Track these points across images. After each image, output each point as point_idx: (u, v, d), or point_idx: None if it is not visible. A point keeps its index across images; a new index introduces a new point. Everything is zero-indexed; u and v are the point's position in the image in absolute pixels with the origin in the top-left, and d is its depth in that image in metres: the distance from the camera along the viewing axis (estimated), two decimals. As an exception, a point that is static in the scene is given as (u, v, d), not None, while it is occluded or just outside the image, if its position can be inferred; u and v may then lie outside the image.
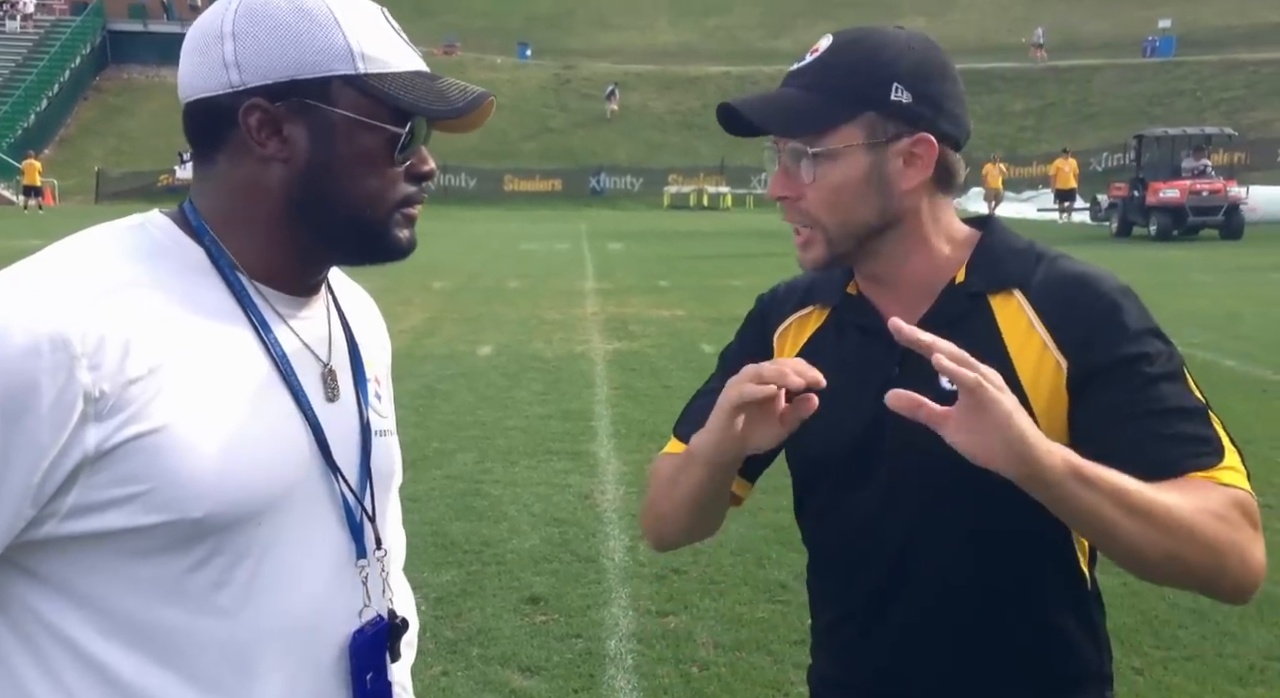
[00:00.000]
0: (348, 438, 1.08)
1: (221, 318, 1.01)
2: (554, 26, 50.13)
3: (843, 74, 1.18)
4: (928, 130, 1.19)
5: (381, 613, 1.10)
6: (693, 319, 10.75)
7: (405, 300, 11.93)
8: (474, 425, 6.51)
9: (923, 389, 1.16)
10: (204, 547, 0.97)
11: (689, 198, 34.80)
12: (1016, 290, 1.22)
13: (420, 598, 4.09)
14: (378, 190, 1.03)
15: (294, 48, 0.99)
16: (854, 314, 1.29)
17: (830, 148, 1.18)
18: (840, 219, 1.20)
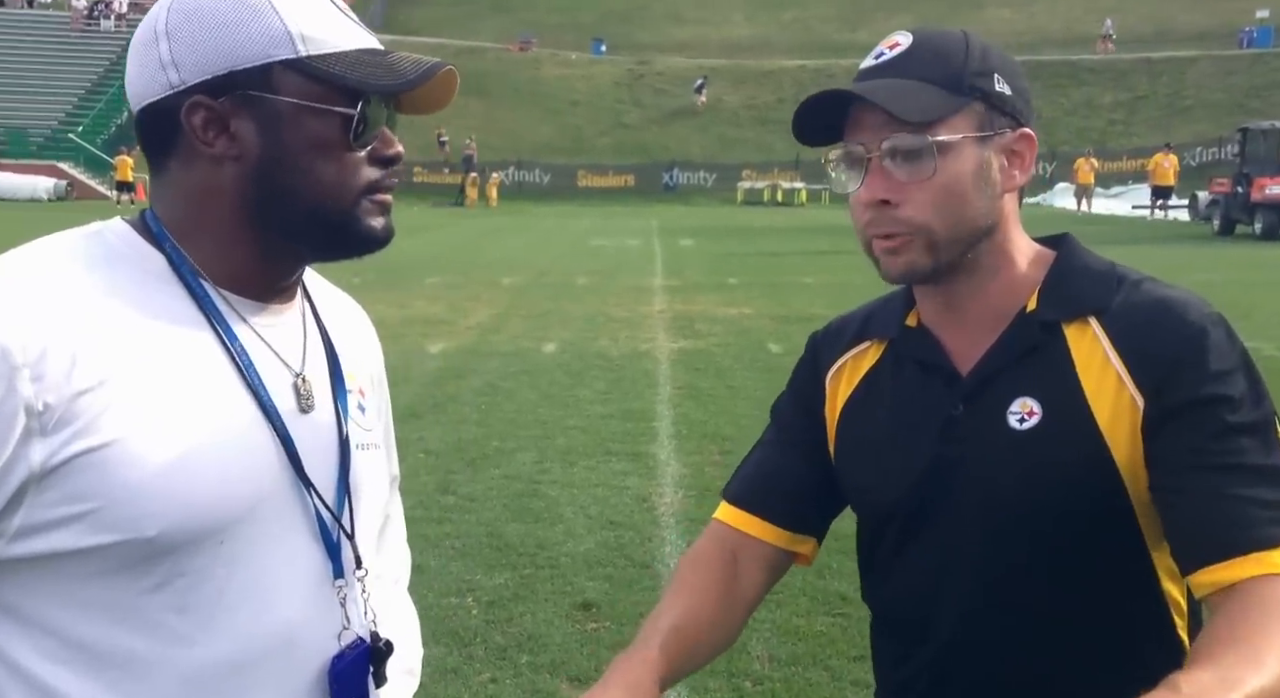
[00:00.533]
0: (323, 451, 1.02)
1: (181, 326, 0.95)
2: (628, 22, 50.15)
3: (943, 61, 1.08)
4: (1026, 125, 1.11)
5: (363, 636, 1.03)
6: (760, 317, 10.60)
7: (473, 296, 12.00)
8: (534, 424, 6.47)
9: (988, 429, 1.08)
10: (161, 568, 0.91)
11: (763, 193, 34.54)
12: (1093, 318, 1.10)
13: (472, 601, 4.09)
14: (337, 178, 0.97)
15: (228, 38, 0.94)
16: (913, 348, 1.18)
17: (948, 138, 1.06)
18: (952, 222, 1.08)
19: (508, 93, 40.97)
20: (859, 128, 1.09)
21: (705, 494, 5.18)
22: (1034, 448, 1.07)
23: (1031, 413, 1.08)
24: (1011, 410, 1.09)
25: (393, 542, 1.23)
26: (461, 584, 4.10)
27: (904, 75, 1.08)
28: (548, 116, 38.93)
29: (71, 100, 37.39)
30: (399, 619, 1.19)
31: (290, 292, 1.05)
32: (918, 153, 1.06)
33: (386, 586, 1.19)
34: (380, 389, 1.17)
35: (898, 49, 1.10)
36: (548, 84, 41.78)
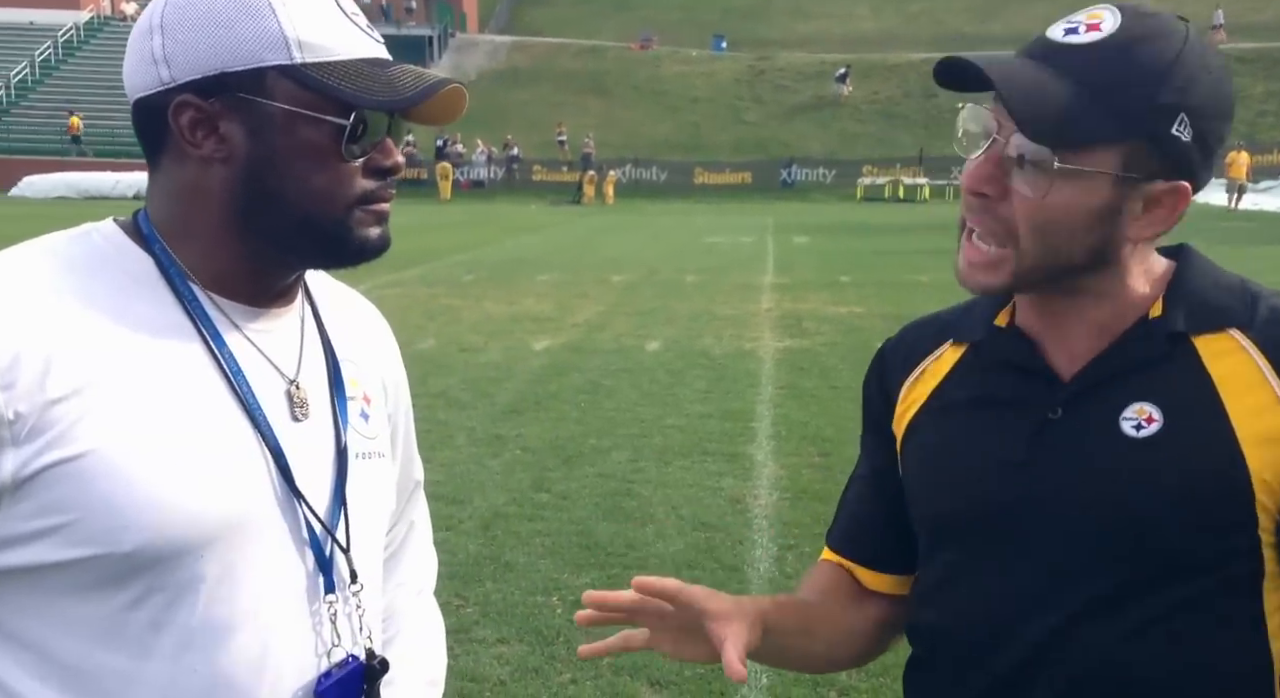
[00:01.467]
0: (318, 461, 0.99)
1: (165, 331, 0.93)
2: (750, 17, 49.78)
3: (1127, 80, 0.94)
4: (1190, 178, 0.98)
5: (355, 653, 1.00)
6: (870, 316, 10.36)
7: (581, 294, 12.07)
8: (632, 422, 6.45)
9: (1096, 435, 0.99)
10: (139, 583, 0.89)
11: (884, 190, 33.82)
12: (1235, 331, 1.00)
13: (558, 601, 4.09)
14: (327, 188, 0.94)
15: (222, 38, 0.91)
16: (1003, 348, 1.08)
17: (1079, 167, 0.95)
18: (1046, 248, 0.97)
19: (627, 91, 41.20)
20: None
21: (800, 497, 5.08)
22: (1154, 456, 0.98)
23: (1151, 420, 0.99)
24: (1126, 416, 1.00)
25: (416, 549, 1.20)
26: (549, 583, 4.11)
27: (1079, 76, 0.94)
28: (666, 114, 38.98)
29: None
30: (422, 629, 1.17)
31: (288, 295, 1.03)
32: (1039, 167, 0.95)
33: (409, 595, 1.17)
34: (394, 394, 1.14)
35: (1094, 34, 0.95)
36: (667, 82, 41.83)
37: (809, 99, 40.56)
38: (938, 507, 1.10)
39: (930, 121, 38.76)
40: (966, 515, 1.07)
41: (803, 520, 4.76)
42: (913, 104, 39.05)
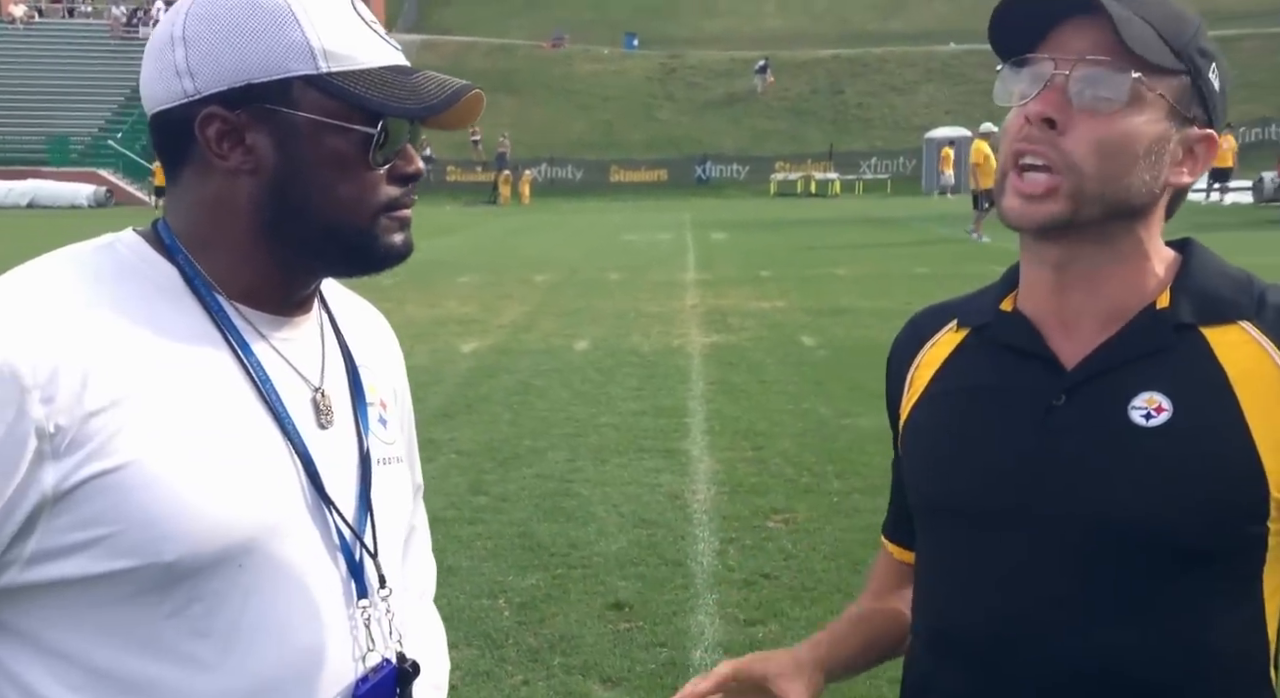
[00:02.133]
0: (343, 467, 1.00)
1: (195, 341, 0.93)
2: (660, 16, 50.00)
3: (1175, 20, 0.99)
4: (1216, 128, 1.02)
5: (389, 657, 1.01)
6: (793, 310, 10.53)
7: (506, 295, 12.02)
8: (567, 422, 6.46)
9: (1102, 423, 1.00)
10: (179, 593, 0.89)
11: (796, 185, 34.33)
12: (1246, 324, 1.01)
13: (504, 603, 4.08)
14: (355, 196, 0.95)
15: (248, 49, 0.91)
16: (1006, 332, 1.08)
17: (1148, 86, 0.97)
18: (1109, 176, 0.97)
19: (540, 90, 41.04)
20: (1060, 43, 0.99)
21: (738, 491, 5.15)
22: (1164, 445, 0.98)
23: (1160, 409, 0.99)
24: (1135, 405, 0.99)
25: (417, 554, 1.21)
26: (493, 585, 4.10)
27: (1136, 11, 0.98)
28: (580, 113, 38.96)
29: (111, 107, 37.95)
30: (424, 633, 1.17)
31: (307, 303, 1.03)
32: (1112, 86, 0.97)
33: (411, 599, 1.17)
34: (402, 399, 1.15)
35: None
36: (580, 80, 41.81)
37: (720, 96, 40.95)
38: (934, 490, 1.11)
39: (838, 118, 39.47)
40: (967, 503, 1.07)
41: (741, 514, 4.83)
42: (821, 101, 39.69)
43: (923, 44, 41.77)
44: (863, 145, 36.77)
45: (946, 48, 41.15)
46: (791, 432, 6.13)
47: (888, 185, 33.92)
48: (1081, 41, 0.99)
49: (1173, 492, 0.97)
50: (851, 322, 9.65)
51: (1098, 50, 0.98)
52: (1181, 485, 0.97)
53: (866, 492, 5.02)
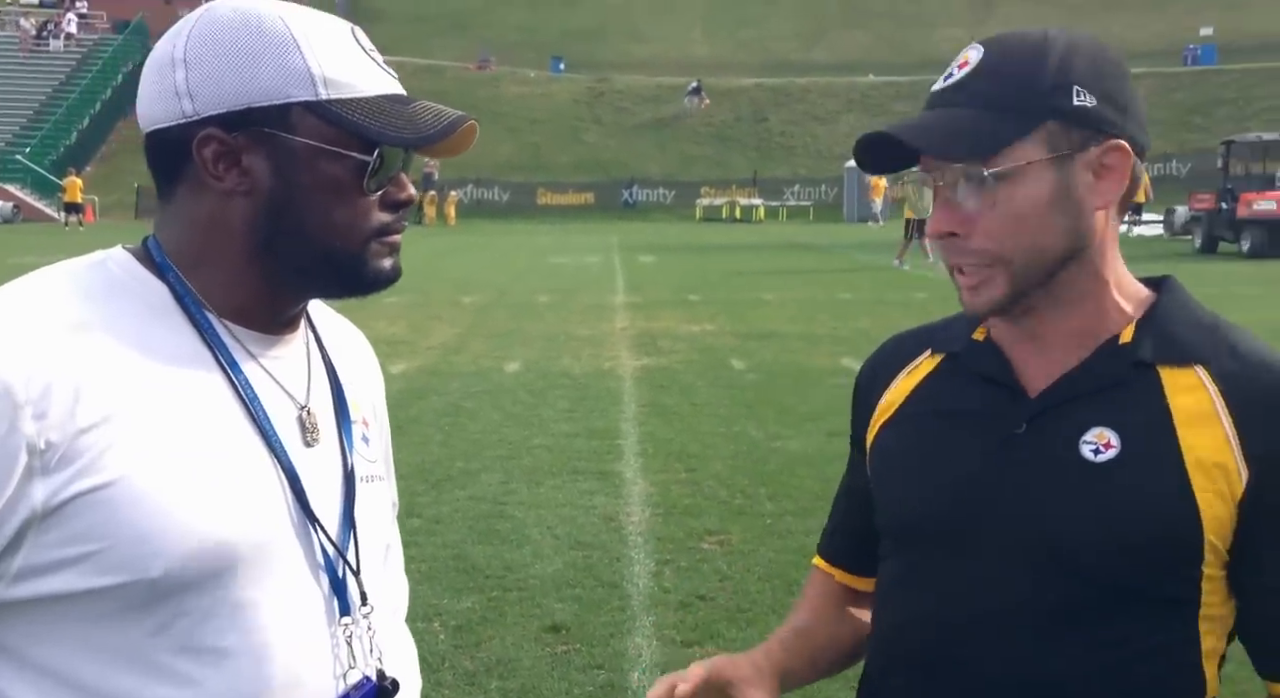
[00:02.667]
0: (328, 486, 1.01)
1: (185, 359, 0.94)
2: (587, 40, 50.33)
3: (1011, 82, 1.01)
4: (1118, 135, 1.02)
5: (369, 675, 1.01)
6: (723, 334, 10.64)
7: (435, 316, 11.92)
8: (499, 444, 6.43)
9: (1055, 455, 1.03)
10: (165, 609, 0.89)
11: (721, 210, 34.72)
12: (1199, 368, 1.02)
13: (440, 626, 4.04)
14: (349, 221, 0.96)
15: (248, 73, 0.92)
16: (976, 360, 1.11)
17: (1009, 167, 1.00)
18: (1026, 249, 1.01)
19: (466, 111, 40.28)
20: (926, 157, 1.05)
21: (672, 512, 5.18)
22: (1108, 481, 1.00)
23: (1109, 445, 1.01)
24: (1085, 440, 1.02)
25: (392, 572, 1.21)
26: (428, 609, 4.05)
27: (968, 101, 1.02)
28: (507, 135, 38.88)
29: (20, 122, 36.79)
30: (399, 651, 1.17)
31: (295, 322, 1.04)
32: (977, 184, 1.01)
33: (385, 617, 1.17)
34: (381, 417, 1.16)
35: (965, 69, 1.04)
36: (507, 102, 41.78)
37: (648, 121, 41.30)
38: (898, 511, 1.13)
39: (762, 145, 40.09)
40: (929, 524, 1.10)
41: (676, 535, 4.85)
42: (745, 127, 40.29)
43: (844, 75, 42.76)
44: (786, 172, 37.38)
45: (866, 79, 42.21)
46: (723, 454, 6.19)
47: (810, 212, 34.52)
48: None
49: (1111, 529, 1.00)
50: (780, 346, 9.79)
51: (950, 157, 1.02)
52: (1121, 524, 1.00)
53: (798, 514, 5.10)
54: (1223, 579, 1.01)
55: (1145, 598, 1.00)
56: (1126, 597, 1.00)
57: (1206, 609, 1.01)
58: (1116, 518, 0.99)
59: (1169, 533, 0.99)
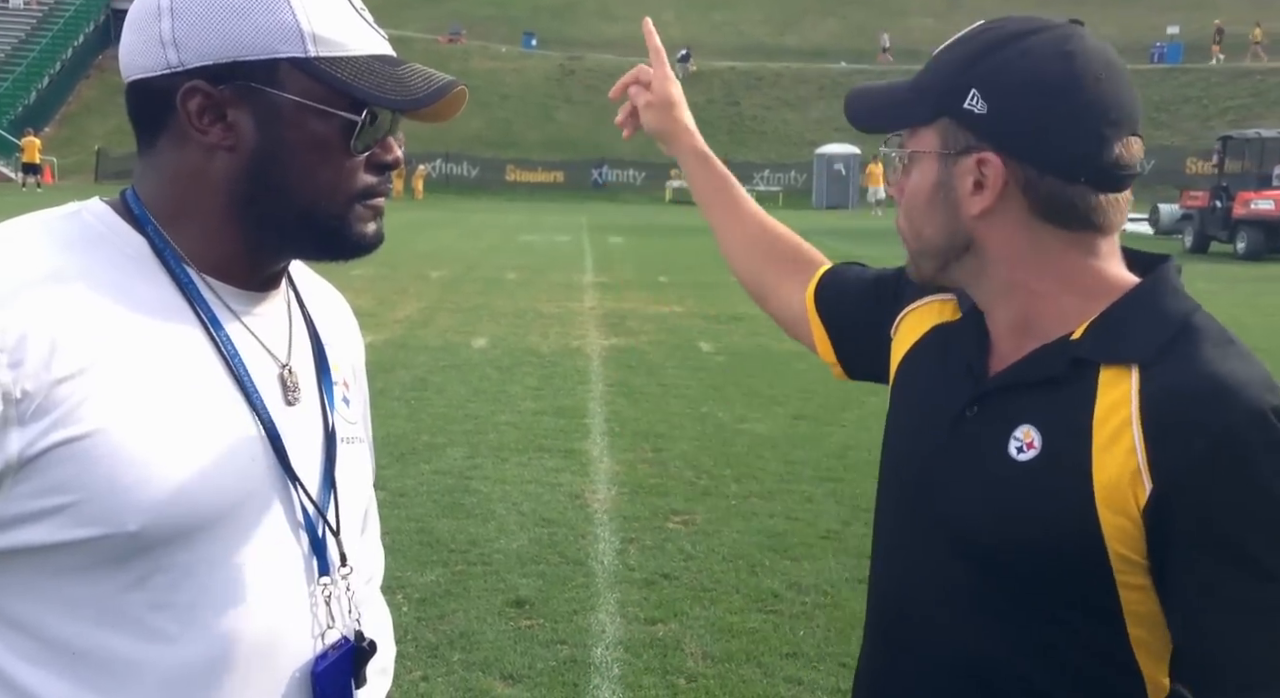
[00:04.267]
0: (309, 445, 1.00)
1: (164, 313, 0.92)
2: (559, 17, 49.94)
3: (937, 70, 1.05)
4: (996, 150, 1.00)
5: (347, 635, 1.01)
6: (691, 316, 10.65)
7: (401, 289, 11.83)
8: (465, 419, 6.41)
9: (986, 445, 1.04)
10: (142, 564, 0.88)
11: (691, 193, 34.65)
12: (1135, 369, 0.97)
13: (403, 599, 4.02)
14: (332, 181, 0.95)
15: (237, 26, 0.91)
16: (964, 333, 1.13)
17: (912, 150, 1.07)
18: (914, 233, 1.09)
19: (438, 83, 40.33)
20: None
21: (638, 491, 5.19)
22: (1020, 482, 1.00)
23: (1031, 446, 1.00)
24: (1015, 435, 1.02)
25: (369, 539, 1.20)
26: (391, 581, 4.01)
27: (916, 76, 1.08)
28: (477, 110, 38.51)
29: (-26, 80, 35.91)
30: (374, 617, 1.17)
31: (276, 280, 1.03)
32: (895, 156, 1.09)
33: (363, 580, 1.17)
34: (361, 380, 1.15)
35: (950, 40, 1.08)
36: (477, 77, 41.36)
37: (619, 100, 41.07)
38: (885, 465, 1.18)
39: (734, 129, 40.03)
40: (895, 484, 1.15)
41: (641, 514, 4.87)
42: (717, 111, 40.19)
43: (815, 62, 42.79)
44: (756, 157, 37.37)
45: (838, 66, 42.27)
46: (690, 435, 6.20)
47: (779, 198, 34.61)
48: None
49: (1012, 531, 1.00)
50: (748, 329, 9.82)
51: None
52: (1021, 527, 0.99)
53: (763, 495, 5.13)
54: (1151, 587, 0.98)
55: (1064, 598, 0.99)
56: (1043, 593, 1.00)
57: (1133, 612, 0.99)
58: (1019, 521, 1.00)
59: (1066, 543, 0.97)
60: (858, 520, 4.81)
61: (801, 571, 4.26)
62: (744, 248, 1.47)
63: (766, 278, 1.44)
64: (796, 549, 4.47)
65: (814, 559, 4.37)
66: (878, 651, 1.16)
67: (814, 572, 4.24)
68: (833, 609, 3.91)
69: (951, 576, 1.05)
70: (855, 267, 1.38)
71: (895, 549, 1.13)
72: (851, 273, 1.37)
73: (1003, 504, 1.01)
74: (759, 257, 1.46)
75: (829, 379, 6.39)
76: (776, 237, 1.46)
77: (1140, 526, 0.94)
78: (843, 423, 6.53)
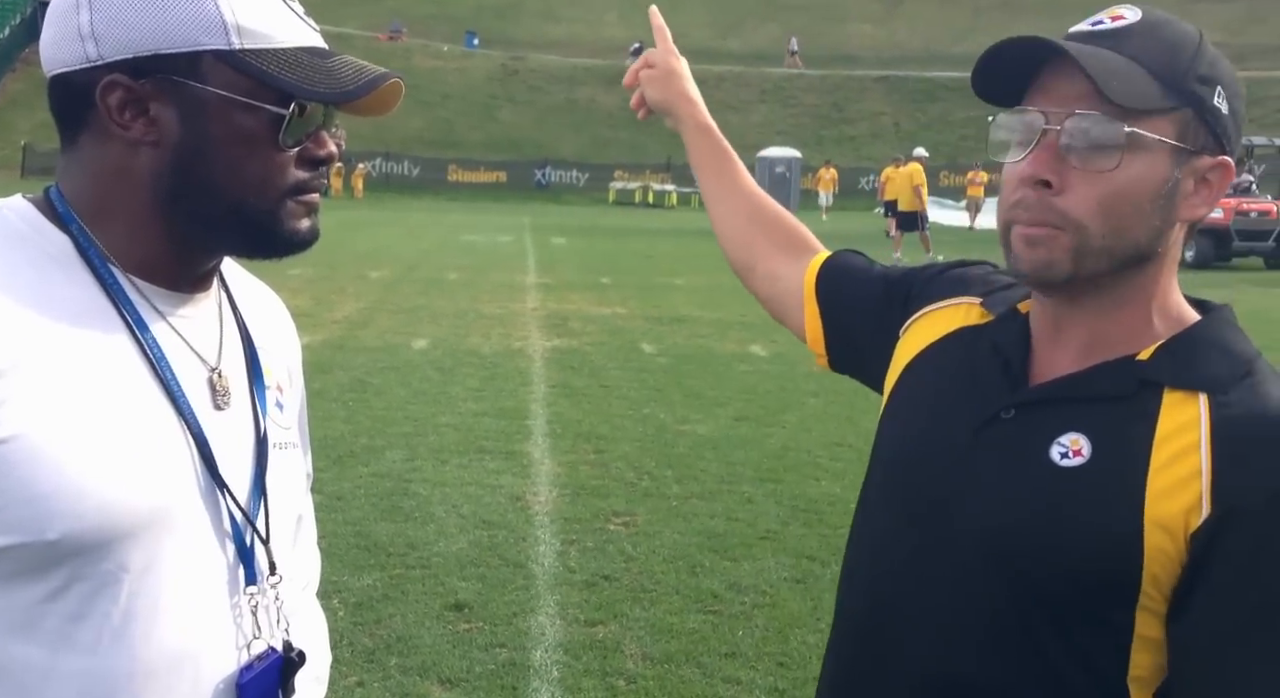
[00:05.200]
0: (238, 451, 0.97)
1: (87, 315, 0.89)
2: (501, 17, 49.68)
3: (1169, 51, 0.94)
4: (1230, 154, 0.97)
5: (275, 646, 0.99)
6: (633, 317, 10.66)
7: (340, 289, 11.67)
8: (405, 421, 6.34)
9: (1022, 448, 0.99)
10: (61, 573, 0.86)
11: (634, 194, 34.73)
12: (1203, 397, 0.95)
13: (339, 603, 3.97)
14: (261, 176, 0.93)
15: (157, 18, 0.88)
16: (1005, 333, 1.06)
17: (1147, 134, 0.93)
18: (1113, 230, 0.94)
19: (377, 81, 39.87)
20: (1047, 94, 0.96)
21: (580, 493, 5.18)
22: (1064, 488, 0.96)
23: (1078, 453, 0.96)
24: (1059, 441, 0.97)
25: (303, 545, 1.18)
26: (327, 586, 3.97)
27: (1121, 52, 0.94)
28: (418, 108, 38.17)
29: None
30: (308, 625, 1.15)
31: (206, 281, 1.00)
32: (1106, 139, 0.93)
33: (296, 590, 1.15)
34: (297, 383, 1.13)
35: (1121, 22, 0.96)
36: (419, 75, 40.96)
37: (561, 102, 41.00)
38: (889, 455, 1.11)
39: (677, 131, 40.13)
40: (902, 478, 1.08)
41: (582, 516, 4.86)
42: (660, 113, 40.29)
43: (756, 65, 43.13)
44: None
45: (779, 70, 42.64)
46: (632, 436, 6.21)
47: (722, 200, 34.74)
48: (1071, 88, 0.95)
49: (1050, 537, 0.96)
50: (690, 331, 9.86)
51: (1088, 99, 0.94)
52: (1060, 534, 0.95)
53: (704, 496, 5.16)
54: (1162, 615, 0.95)
55: (1079, 616, 0.96)
56: (1056, 605, 0.96)
57: (1142, 636, 0.96)
58: (1059, 527, 0.95)
59: (1105, 556, 0.94)
60: (796, 521, 4.86)
61: (741, 571, 4.29)
62: (735, 218, 1.43)
63: (756, 249, 1.40)
64: (736, 550, 4.50)
65: (753, 560, 4.40)
66: (852, 661, 1.10)
67: (753, 572, 4.27)
68: (771, 609, 3.94)
69: (959, 590, 1.00)
70: (859, 257, 1.33)
71: (889, 556, 1.06)
72: (858, 265, 1.32)
73: (1040, 508, 0.96)
74: (750, 228, 1.41)
75: (770, 381, 6.43)
76: (771, 212, 1.43)
77: (1184, 550, 0.92)
78: (783, 424, 6.58)
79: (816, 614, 3.91)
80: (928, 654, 1.01)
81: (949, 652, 1.00)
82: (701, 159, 1.48)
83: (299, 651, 1.00)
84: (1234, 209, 17.60)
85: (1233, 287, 14.68)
